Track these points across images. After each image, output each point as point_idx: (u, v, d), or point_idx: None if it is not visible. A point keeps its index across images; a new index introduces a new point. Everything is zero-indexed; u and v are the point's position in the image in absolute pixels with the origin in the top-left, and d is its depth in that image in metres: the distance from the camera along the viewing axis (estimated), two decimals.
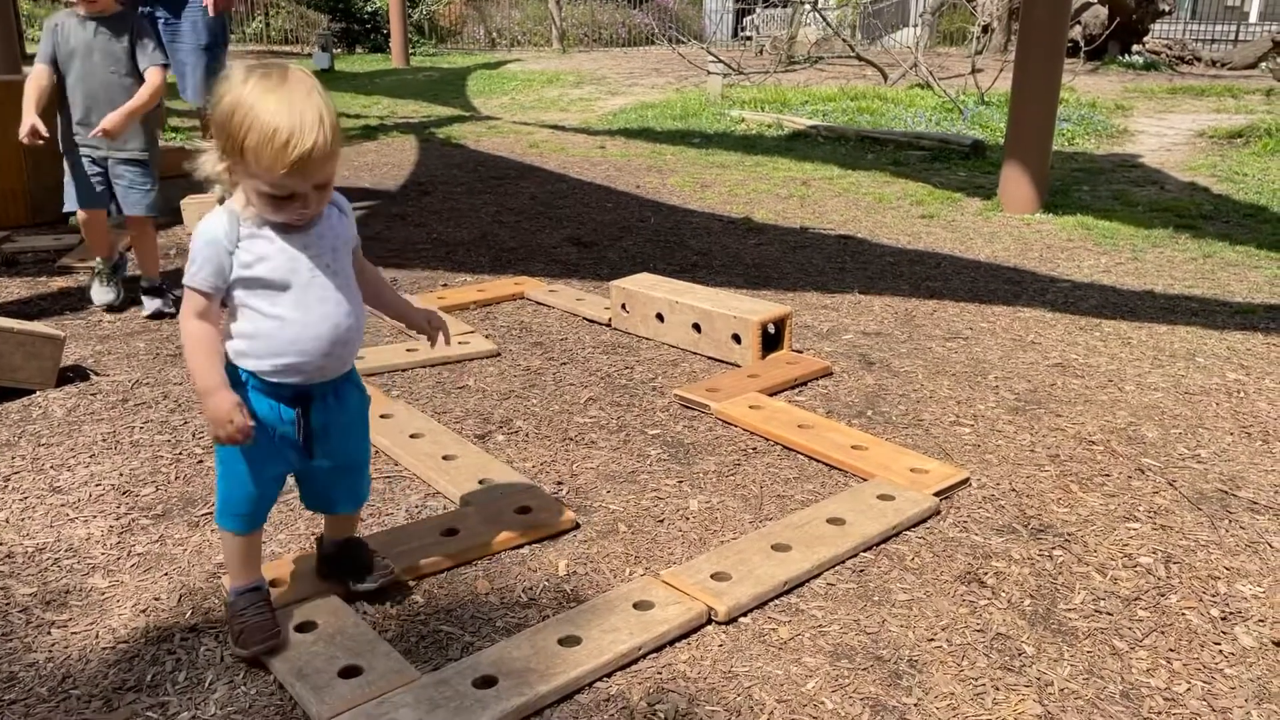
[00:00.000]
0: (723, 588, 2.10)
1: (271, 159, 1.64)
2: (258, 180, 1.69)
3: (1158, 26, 16.24)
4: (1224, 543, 2.34)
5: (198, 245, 1.76)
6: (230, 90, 1.67)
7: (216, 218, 1.77)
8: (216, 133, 1.70)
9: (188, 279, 1.77)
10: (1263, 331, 3.80)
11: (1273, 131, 8.35)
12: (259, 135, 1.63)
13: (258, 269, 1.77)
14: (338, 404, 1.93)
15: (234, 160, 1.69)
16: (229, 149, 1.69)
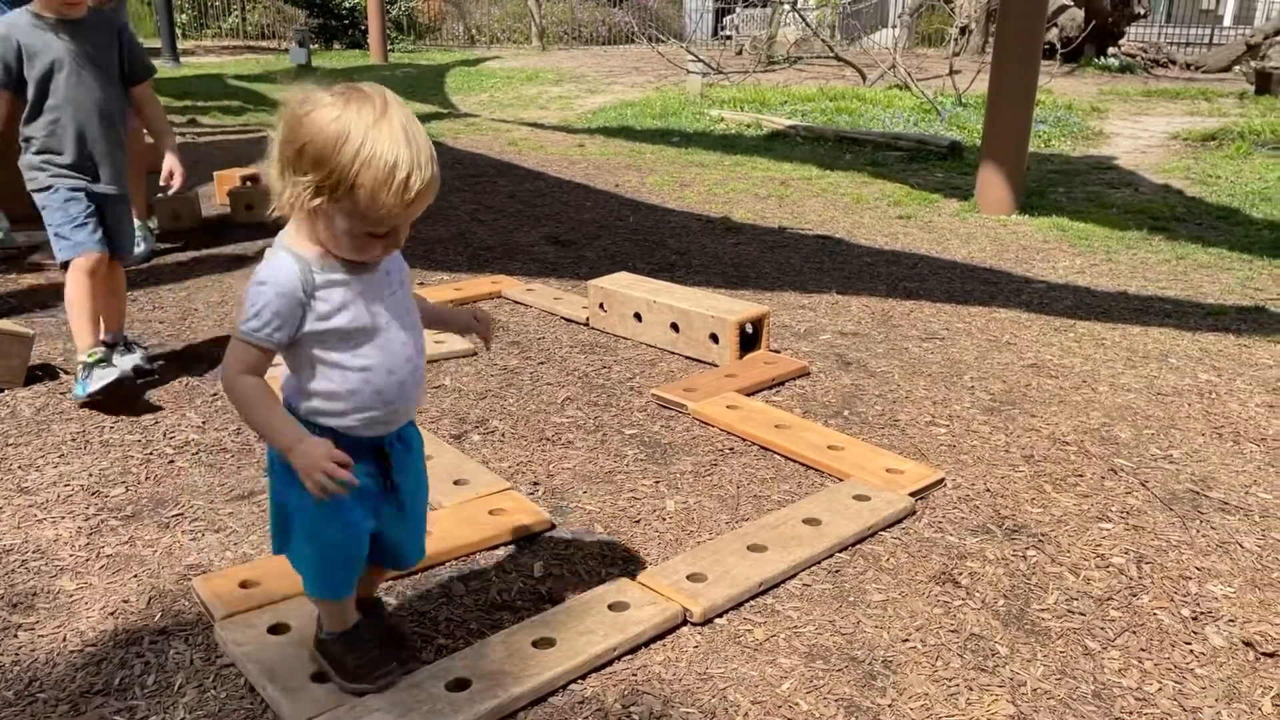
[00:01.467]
0: (698, 589, 2.09)
1: (393, 197, 1.48)
2: (361, 219, 1.52)
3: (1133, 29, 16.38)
4: (1195, 543, 2.36)
5: (267, 296, 1.55)
6: (324, 118, 1.48)
7: (284, 264, 1.56)
8: (310, 166, 1.49)
9: (246, 331, 1.56)
10: (1234, 333, 3.84)
11: (1246, 134, 8.45)
12: (377, 172, 1.47)
13: (337, 320, 1.59)
14: (404, 447, 1.77)
15: (334, 197, 1.50)
16: (331, 186, 1.48)
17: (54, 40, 2.97)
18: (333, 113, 1.48)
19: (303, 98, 1.51)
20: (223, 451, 2.79)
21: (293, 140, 1.50)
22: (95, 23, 3.06)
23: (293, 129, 1.50)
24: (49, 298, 4.07)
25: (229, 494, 2.55)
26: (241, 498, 2.53)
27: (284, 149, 1.51)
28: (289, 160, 1.51)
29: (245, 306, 1.57)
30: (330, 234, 1.56)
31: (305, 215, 1.55)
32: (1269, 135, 8.37)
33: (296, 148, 1.49)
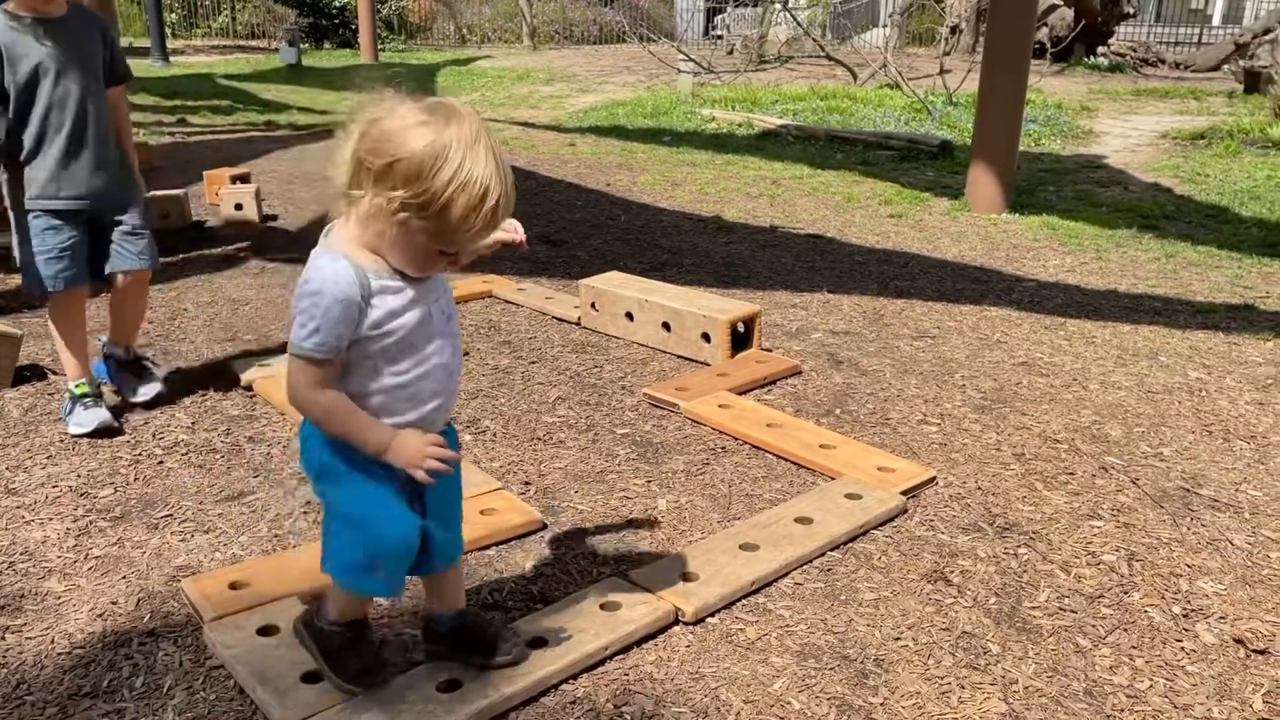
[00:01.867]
0: (690, 588, 2.09)
1: (481, 220, 1.47)
2: (441, 238, 1.50)
3: (1123, 29, 16.45)
4: (1186, 540, 2.36)
5: (324, 304, 1.50)
6: (422, 137, 1.45)
7: (341, 269, 1.51)
8: (401, 182, 1.45)
9: (311, 347, 1.51)
10: (1224, 330, 3.86)
11: (1234, 133, 8.48)
12: (471, 197, 1.45)
13: (389, 326, 1.56)
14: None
15: (421, 215, 1.47)
16: (422, 204, 1.45)
17: (34, 43, 2.71)
18: (430, 133, 1.45)
19: (394, 110, 1.48)
20: (212, 452, 2.77)
21: (381, 153, 1.46)
22: (78, 21, 2.81)
23: (382, 142, 1.46)
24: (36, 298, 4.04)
25: (219, 495, 2.54)
26: (231, 498, 2.52)
27: (369, 159, 1.47)
28: (377, 173, 1.47)
29: (300, 319, 1.52)
30: (401, 247, 1.52)
31: (374, 225, 1.51)
32: (1257, 134, 8.41)
33: (386, 162, 1.45)
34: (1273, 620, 2.05)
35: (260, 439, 2.85)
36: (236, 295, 4.20)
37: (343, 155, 1.51)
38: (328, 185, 1.55)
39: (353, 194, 1.51)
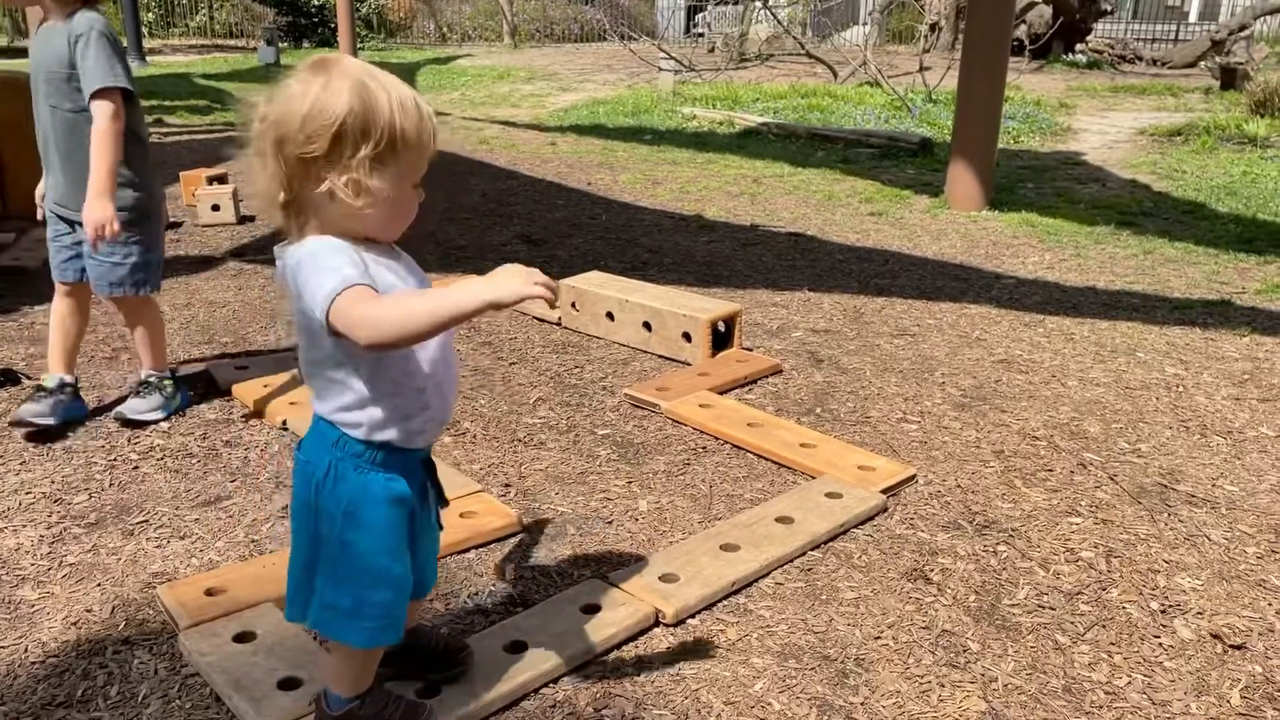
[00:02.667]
0: (671, 589, 2.08)
1: (428, 127, 1.42)
2: (407, 172, 1.43)
3: (1100, 26, 16.55)
4: (1163, 536, 2.38)
5: (326, 251, 1.39)
6: (340, 91, 1.37)
7: (323, 238, 1.42)
8: (358, 139, 1.38)
9: (336, 286, 1.35)
10: (1200, 326, 3.88)
11: (1211, 129, 8.54)
12: (410, 112, 1.40)
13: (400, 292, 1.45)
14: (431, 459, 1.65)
15: (391, 158, 1.40)
16: (388, 145, 1.39)
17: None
18: (337, 84, 1.38)
19: (284, 95, 1.39)
20: (188, 457, 2.74)
21: (319, 134, 1.36)
22: (53, 29, 2.72)
23: (310, 124, 1.36)
24: (10, 301, 3.99)
25: (195, 500, 2.51)
26: (207, 503, 2.49)
27: (309, 149, 1.37)
28: (326, 154, 1.37)
29: (314, 278, 1.38)
30: (381, 207, 1.43)
31: (342, 208, 1.41)
32: (1233, 130, 8.47)
33: (330, 138, 1.36)
34: (1249, 616, 2.07)
35: (237, 443, 2.83)
36: (214, 297, 4.16)
37: (268, 172, 1.41)
38: (266, 211, 1.45)
39: (304, 194, 1.41)
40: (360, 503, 1.49)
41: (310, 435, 1.55)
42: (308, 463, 1.52)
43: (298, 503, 1.55)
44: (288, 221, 1.46)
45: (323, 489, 1.50)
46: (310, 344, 1.49)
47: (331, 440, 1.50)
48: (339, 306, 1.36)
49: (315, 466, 1.51)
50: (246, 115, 1.43)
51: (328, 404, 1.50)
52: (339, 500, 1.49)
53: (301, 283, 1.40)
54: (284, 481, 2.60)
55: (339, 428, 1.50)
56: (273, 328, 3.80)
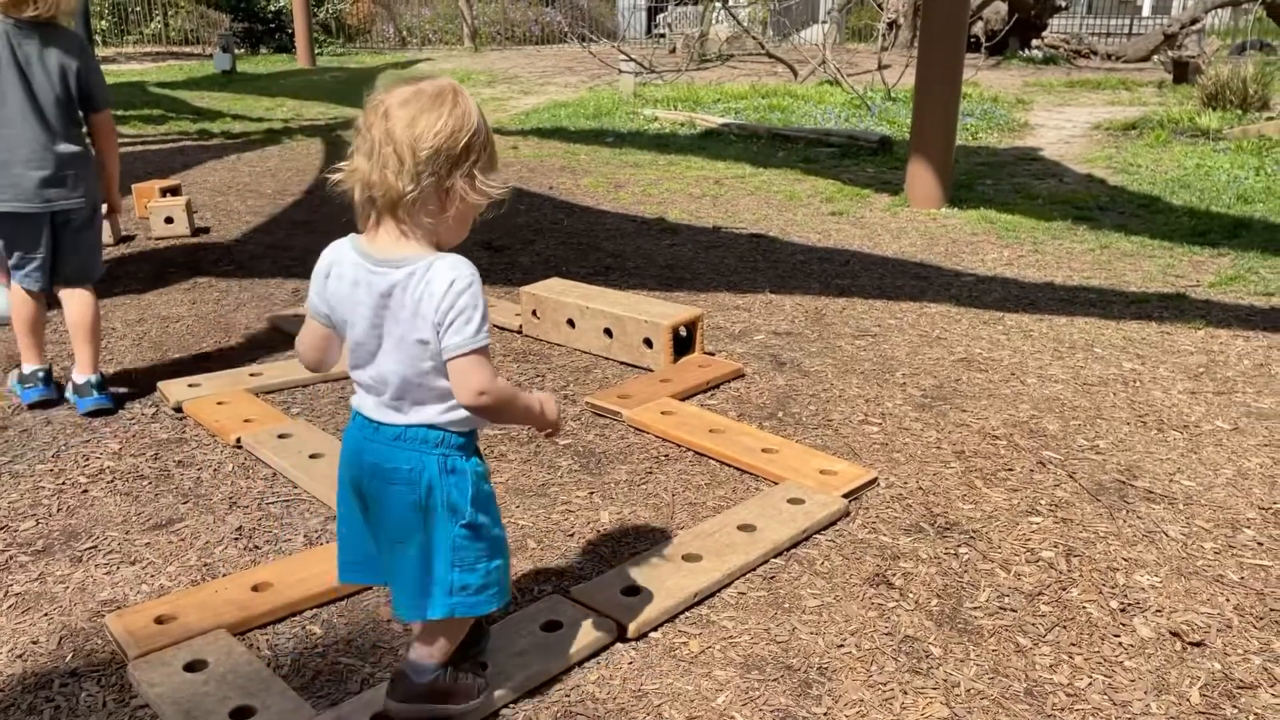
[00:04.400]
0: (632, 603, 2.06)
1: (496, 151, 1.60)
2: (489, 187, 1.57)
3: (1055, 21, 16.75)
4: (1122, 533, 2.39)
5: (478, 296, 1.52)
6: (461, 107, 1.53)
7: (466, 264, 1.54)
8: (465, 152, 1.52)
9: (481, 337, 1.52)
10: (1156, 320, 3.92)
11: (1164, 123, 8.67)
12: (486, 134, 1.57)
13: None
14: None
15: (491, 169, 1.57)
16: (489, 155, 1.57)
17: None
18: (463, 99, 1.54)
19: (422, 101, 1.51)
20: (139, 479, 2.68)
21: (440, 148, 1.50)
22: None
23: (452, 131, 1.51)
24: None
25: (145, 523, 2.46)
26: (159, 527, 2.44)
27: (425, 162, 1.50)
28: (456, 157, 1.51)
29: (466, 314, 1.51)
30: (467, 216, 1.58)
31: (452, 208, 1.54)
32: (1186, 124, 8.60)
33: (463, 141, 1.52)
34: (1207, 612, 2.08)
35: (190, 463, 2.77)
36: (167, 312, 4.09)
37: (395, 170, 1.50)
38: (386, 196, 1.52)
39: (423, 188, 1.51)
40: (478, 486, 1.64)
41: (401, 448, 1.61)
42: (412, 470, 1.60)
43: (404, 511, 1.61)
44: (392, 218, 1.54)
45: (438, 486, 1.60)
46: (419, 355, 1.56)
47: (435, 441, 1.60)
48: (474, 362, 1.53)
49: (424, 470, 1.60)
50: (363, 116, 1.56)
51: (431, 409, 1.60)
52: (462, 490, 1.61)
53: (459, 308, 1.51)
54: (237, 502, 2.55)
55: (440, 429, 1.60)
56: (227, 343, 3.73)
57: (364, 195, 1.55)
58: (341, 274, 1.59)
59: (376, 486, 1.62)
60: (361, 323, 1.57)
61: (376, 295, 1.54)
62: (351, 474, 1.66)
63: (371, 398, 1.62)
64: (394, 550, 1.64)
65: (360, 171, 1.54)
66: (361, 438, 1.64)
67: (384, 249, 1.55)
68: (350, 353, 1.63)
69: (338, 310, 1.61)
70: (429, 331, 1.52)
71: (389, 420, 1.61)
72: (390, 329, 1.56)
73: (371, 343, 1.58)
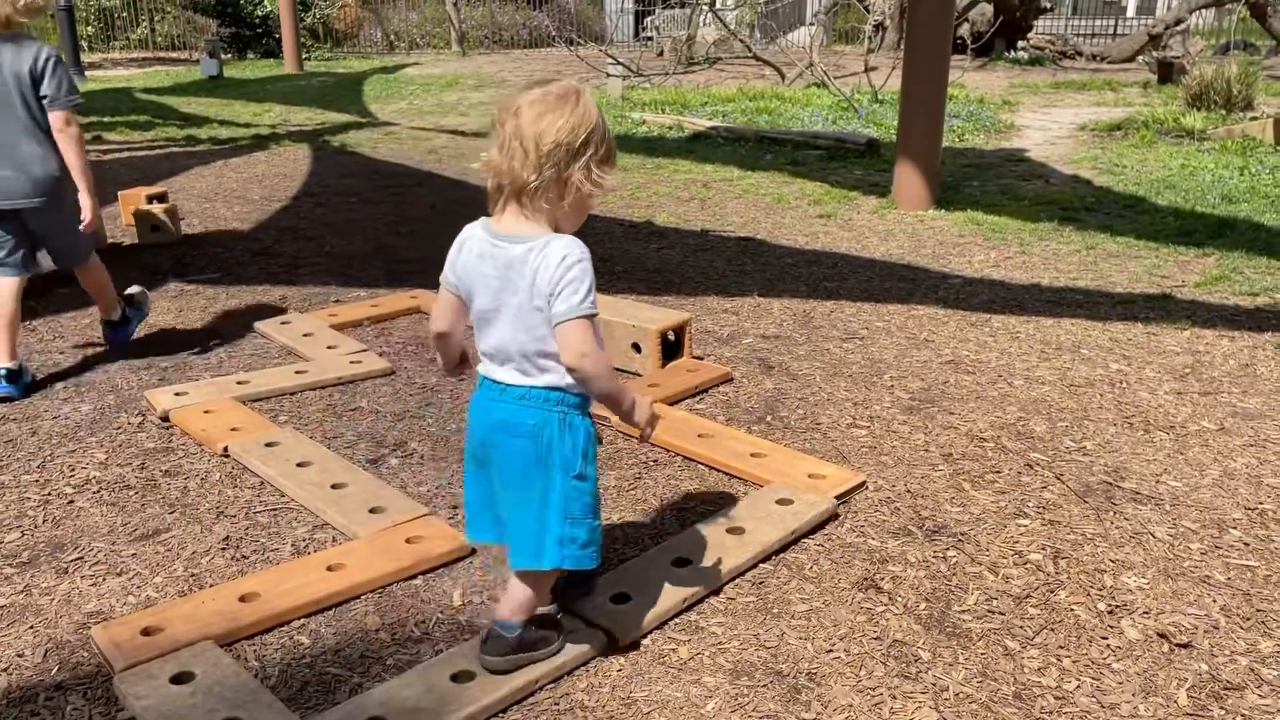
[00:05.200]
0: (622, 610, 2.06)
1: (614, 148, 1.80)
2: (604, 179, 1.76)
3: (1041, 22, 16.83)
4: (1109, 535, 2.40)
5: (586, 271, 1.72)
6: (583, 103, 1.72)
7: (578, 244, 1.73)
8: (583, 145, 1.71)
9: (587, 305, 1.72)
10: (1142, 321, 3.94)
11: (1149, 123, 8.71)
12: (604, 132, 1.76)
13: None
14: None
15: (600, 170, 1.75)
16: (607, 149, 1.76)
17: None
18: (585, 99, 1.73)
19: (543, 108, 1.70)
20: (125, 489, 2.67)
21: (577, 134, 1.70)
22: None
23: (564, 132, 1.69)
24: None
25: (132, 534, 2.44)
26: (145, 537, 2.43)
27: (570, 142, 1.69)
28: (575, 150, 1.71)
29: (574, 285, 1.70)
30: (584, 205, 1.79)
31: (569, 198, 1.74)
32: (1171, 124, 8.65)
33: (584, 138, 1.71)
34: (1194, 613, 2.09)
35: (177, 473, 2.76)
36: (153, 320, 4.06)
37: (525, 158, 1.69)
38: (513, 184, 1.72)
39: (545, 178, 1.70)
40: (588, 442, 1.83)
41: (524, 407, 1.79)
42: (535, 425, 1.78)
43: (525, 466, 1.79)
44: (517, 202, 1.74)
45: (557, 442, 1.79)
46: (536, 323, 1.75)
47: (555, 400, 1.79)
48: (580, 327, 1.72)
49: (546, 426, 1.78)
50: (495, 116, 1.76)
51: (550, 374, 1.78)
52: (576, 444, 1.80)
53: (568, 279, 1.70)
54: (224, 511, 2.54)
55: (560, 390, 1.79)
56: (214, 350, 3.71)
57: (494, 182, 1.76)
58: (471, 249, 1.81)
59: (502, 441, 1.81)
60: (486, 293, 1.78)
61: (500, 268, 1.75)
62: (479, 435, 1.85)
63: (496, 364, 1.82)
64: (514, 503, 1.83)
65: (493, 162, 1.75)
66: (488, 399, 1.83)
67: (508, 228, 1.77)
68: (476, 324, 1.84)
69: (464, 281, 1.82)
70: (544, 300, 1.72)
71: (514, 382, 1.80)
72: (509, 299, 1.75)
73: (494, 311, 1.78)
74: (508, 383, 1.80)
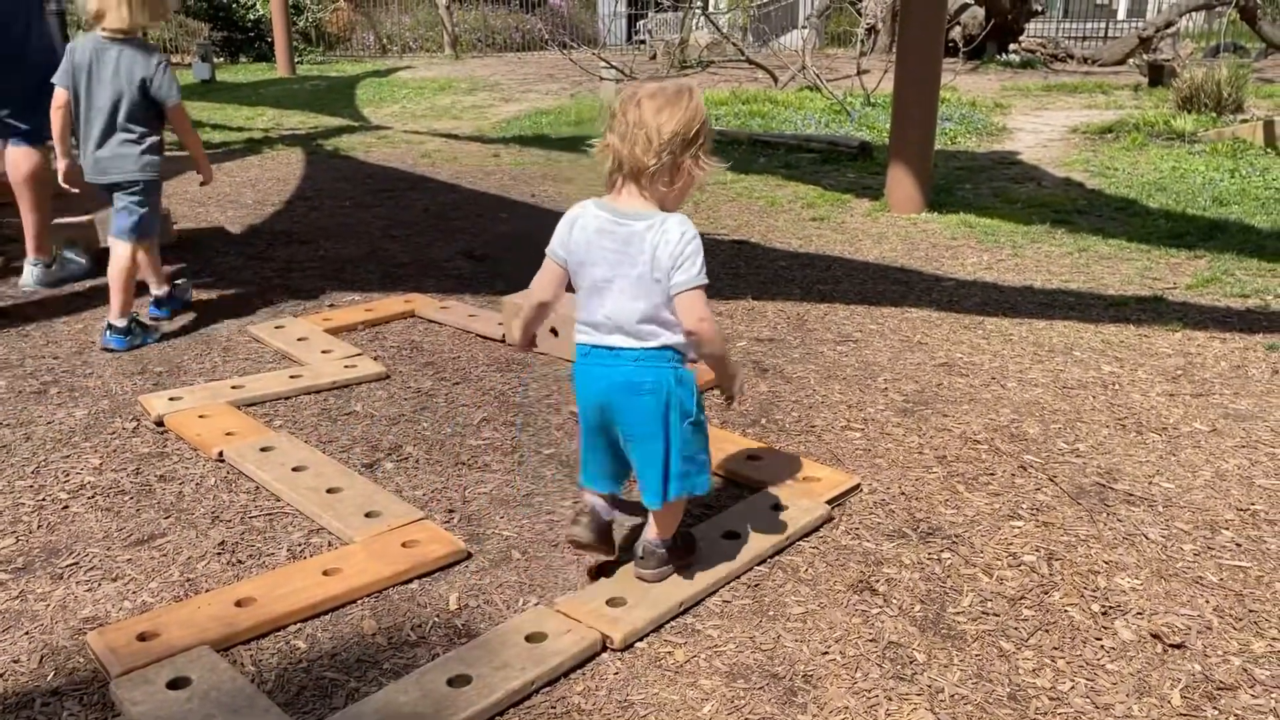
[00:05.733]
0: (618, 613, 2.06)
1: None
2: (709, 166, 2.02)
3: (1032, 26, 16.90)
4: (1103, 536, 2.41)
5: (699, 246, 1.97)
6: (694, 99, 1.98)
7: (689, 222, 1.99)
8: (695, 137, 1.96)
9: (703, 277, 1.97)
10: (1134, 323, 3.96)
11: (1140, 126, 8.75)
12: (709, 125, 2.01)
13: None
14: None
15: (705, 158, 2.01)
16: (705, 148, 2.00)
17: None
18: (695, 96, 1.99)
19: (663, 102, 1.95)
20: (120, 494, 2.67)
21: (678, 133, 1.94)
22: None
23: (692, 120, 1.95)
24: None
25: (127, 539, 2.44)
26: (141, 542, 2.42)
27: (685, 133, 1.95)
28: (689, 140, 1.96)
29: (693, 259, 1.95)
30: (688, 188, 2.04)
31: (679, 182, 2.00)
32: (1162, 126, 8.68)
33: (696, 130, 1.96)
34: (1188, 614, 2.10)
35: (172, 478, 2.76)
36: (148, 324, 4.06)
37: (647, 145, 1.93)
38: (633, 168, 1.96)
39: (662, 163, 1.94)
40: (697, 392, 2.09)
41: (641, 368, 2.03)
42: (656, 382, 2.03)
43: (649, 418, 2.04)
44: (635, 184, 1.98)
45: (676, 394, 2.04)
46: (654, 291, 1.98)
47: (668, 359, 2.03)
48: (698, 296, 1.97)
49: (665, 381, 2.03)
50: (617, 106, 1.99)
51: (666, 334, 2.02)
52: (691, 394, 2.07)
53: (687, 254, 1.95)
54: (220, 516, 2.54)
55: (669, 348, 2.03)
56: (209, 355, 3.71)
57: (614, 165, 1.98)
58: (585, 225, 2.02)
59: (626, 399, 2.04)
60: (603, 265, 2.00)
61: (619, 242, 1.98)
62: (596, 399, 2.08)
63: (603, 333, 2.04)
64: (642, 451, 2.07)
65: (613, 147, 1.97)
66: (602, 365, 2.05)
67: (626, 207, 2.00)
68: (587, 293, 2.05)
69: (575, 254, 2.04)
70: (663, 272, 1.94)
71: (627, 346, 2.02)
72: (627, 271, 1.98)
73: (608, 282, 2.00)
74: (621, 347, 2.03)
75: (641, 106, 1.94)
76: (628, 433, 2.07)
